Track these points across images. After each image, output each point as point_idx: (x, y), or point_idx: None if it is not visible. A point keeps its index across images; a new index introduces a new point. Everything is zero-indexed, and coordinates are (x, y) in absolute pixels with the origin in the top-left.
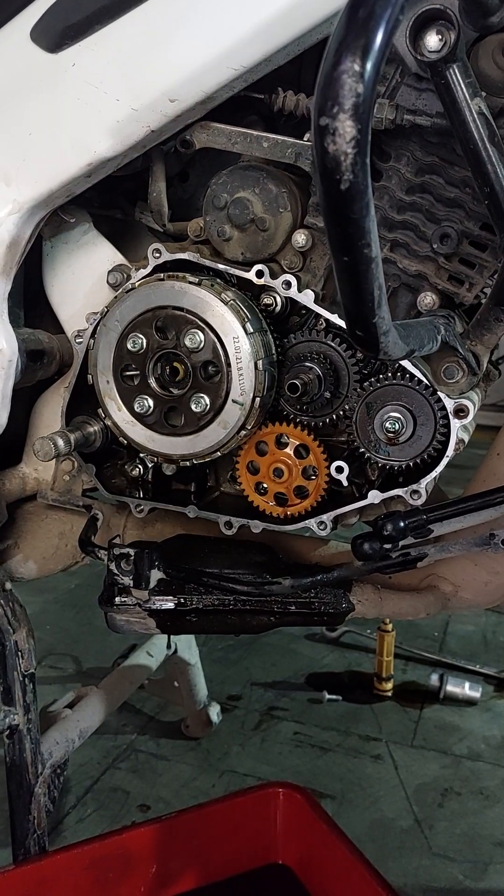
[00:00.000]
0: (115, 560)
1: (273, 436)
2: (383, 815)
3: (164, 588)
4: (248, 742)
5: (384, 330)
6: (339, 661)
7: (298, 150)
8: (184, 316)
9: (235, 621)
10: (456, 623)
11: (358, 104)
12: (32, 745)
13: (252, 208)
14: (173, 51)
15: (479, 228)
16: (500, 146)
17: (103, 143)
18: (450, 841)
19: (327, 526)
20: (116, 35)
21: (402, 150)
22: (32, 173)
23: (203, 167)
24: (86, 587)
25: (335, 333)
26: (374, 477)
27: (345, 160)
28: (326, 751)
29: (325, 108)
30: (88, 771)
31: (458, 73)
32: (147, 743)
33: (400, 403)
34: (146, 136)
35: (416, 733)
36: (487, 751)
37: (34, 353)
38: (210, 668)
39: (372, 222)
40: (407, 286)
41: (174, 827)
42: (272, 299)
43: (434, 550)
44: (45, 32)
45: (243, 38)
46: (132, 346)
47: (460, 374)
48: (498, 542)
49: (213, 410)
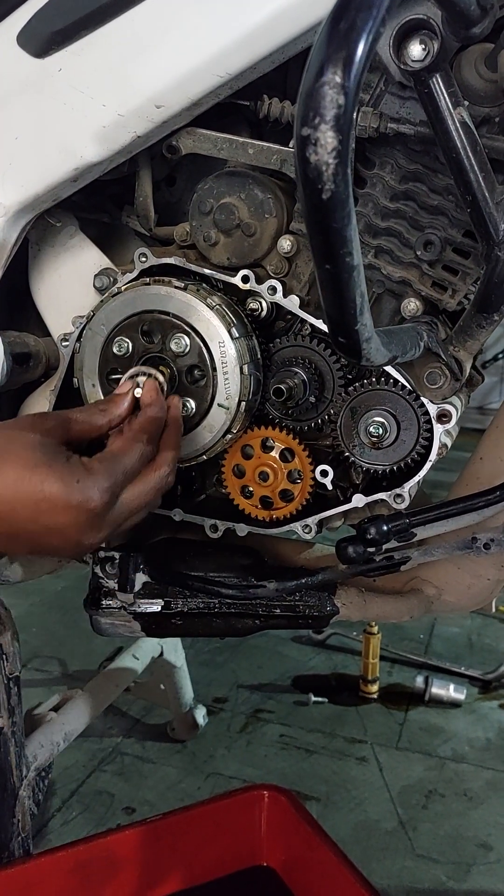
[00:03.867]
0: (100, 563)
1: (258, 439)
2: (368, 816)
3: (150, 591)
4: (233, 744)
5: (366, 337)
6: (325, 663)
7: (284, 157)
8: (170, 320)
9: (220, 624)
10: (441, 625)
11: (339, 115)
12: (17, 748)
13: (238, 214)
14: (159, 57)
15: (462, 236)
16: (482, 155)
17: (89, 147)
18: (433, 842)
19: (312, 529)
20: (103, 41)
21: (387, 158)
22: (18, 177)
23: (190, 172)
24: (72, 590)
25: (320, 338)
26: (359, 481)
27: (326, 170)
28: (312, 753)
29: (307, 119)
30: (74, 774)
31: (440, 83)
32: (133, 746)
33: (384, 408)
34: (132, 141)
35: (401, 735)
36: (471, 752)
37: (20, 356)
38: (196, 671)
39: (354, 231)
40: (391, 292)
41: (159, 829)
42: (258, 304)
43: (417, 554)
44: (32, 38)
45: (229, 45)
46: (118, 349)
47: (443, 379)
48: (480, 546)
49: (199, 414)
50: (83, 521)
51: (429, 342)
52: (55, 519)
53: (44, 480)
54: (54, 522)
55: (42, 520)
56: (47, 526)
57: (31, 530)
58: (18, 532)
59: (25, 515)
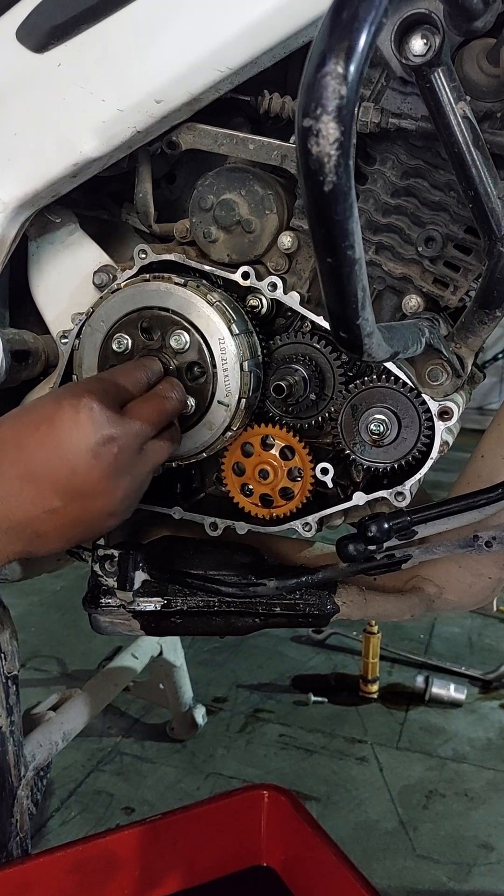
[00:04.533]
0: (99, 561)
1: (258, 437)
2: (368, 816)
3: (149, 589)
4: (233, 744)
5: (368, 332)
6: (324, 663)
7: (284, 153)
8: (169, 317)
9: (220, 623)
10: (441, 625)
11: (341, 106)
12: (15, 747)
13: (238, 210)
14: (159, 52)
15: (464, 232)
16: (484, 150)
17: (89, 143)
18: (434, 842)
19: (312, 527)
20: (102, 36)
21: (388, 154)
22: (18, 173)
23: (190, 169)
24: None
25: (321, 335)
26: (359, 479)
27: (328, 162)
28: (312, 753)
29: (309, 110)
30: (72, 773)
31: (442, 77)
32: (132, 745)
33: (385, 405)
34: (132, 136)
35: (402, 735)
36: (472, 752)
37: (19, 354)
38: (195, 671)
39: (355, 224)
40: (392, 289)
41: (158, 829)
42: (258, 301)
43: (418, 552)
44: (31, 33)
45: (229, 39)
46: (117, 346)
47: (444, 376)
48: (482, 544)
49: (199, 412)
50: (115, 457)
51: (430, 338)
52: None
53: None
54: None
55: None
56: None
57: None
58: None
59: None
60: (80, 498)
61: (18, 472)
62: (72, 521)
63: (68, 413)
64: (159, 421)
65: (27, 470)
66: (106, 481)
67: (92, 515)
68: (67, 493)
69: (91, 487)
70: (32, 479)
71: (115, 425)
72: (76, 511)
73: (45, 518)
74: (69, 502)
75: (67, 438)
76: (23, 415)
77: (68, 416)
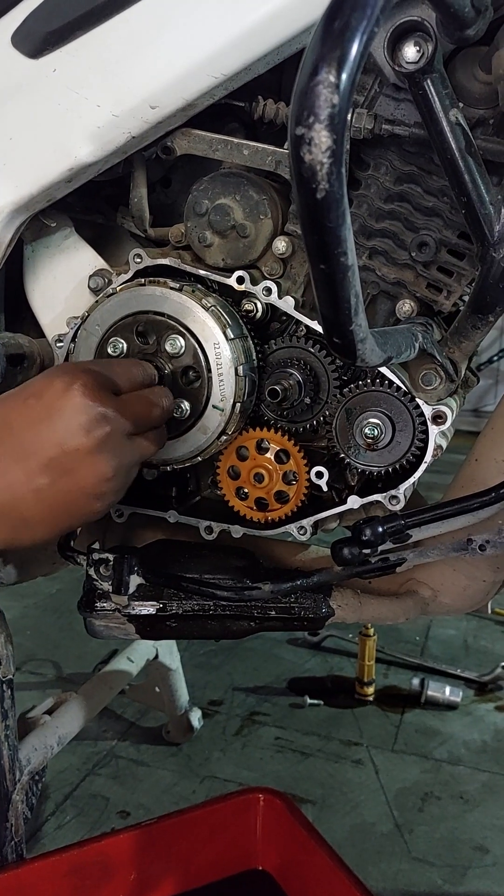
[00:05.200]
0: (94, 565)
1: (254, 441)
2: (363, 819)
3: (144, 593)
4: (229, 747)
5: (361, 337)
6: (320, 665)
7: (279, 158)
8: (164, 321)
9: (215, 626)
10: (437, 627)
11: (333, 115)
12: (10, 751)
13: (233, 215)
14: (154, 58)
15: (457, 237)
16: (476, 156)
17: (84, 148)
18: (429, 845)
19: (307, 531)
20: (98, 41)
21: (381, 160)
22: (13, 178)
23: (185, 173)
24: (66, 592)
25: (315, 340)
26: (354, 482)
27: (321, 170)
28: (307, 756)
29: (301, 119)
30: (68, 777)
31: (435, 85)
32: (127, 749)
33: (379, 409)
34: (127, 141)
35: (397, 738)
36: (467, 755)
37: (14, 357)
38: (191, 674)
39: (348, 231)
40: (386, 293)
41: (154, 833)
42: (253, 305)
43: (413, 555)
44: (26, 38)
45: (223, 46)
46: (112, 350)
47: (438, 380)
48: (476, 548)
49: (194, 416)
50: (105, 438)
51: (424, 343)
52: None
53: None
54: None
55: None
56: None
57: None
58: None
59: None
60: (67, 474)
61: (5, 451)
62: (58, 501)
63: (60, 389)
64: (147, 421)
65: (14, 448)
66: (95, 457)
67: (78, 497)
68: (55, 469)
69: (79, 464)
70: (20, 457)
71: (107, 406)
72: (63, 490)
73: (30, 499)
74: (56, 479)
75: (58, 413)
76: (11, 394)
77: (60, 391)
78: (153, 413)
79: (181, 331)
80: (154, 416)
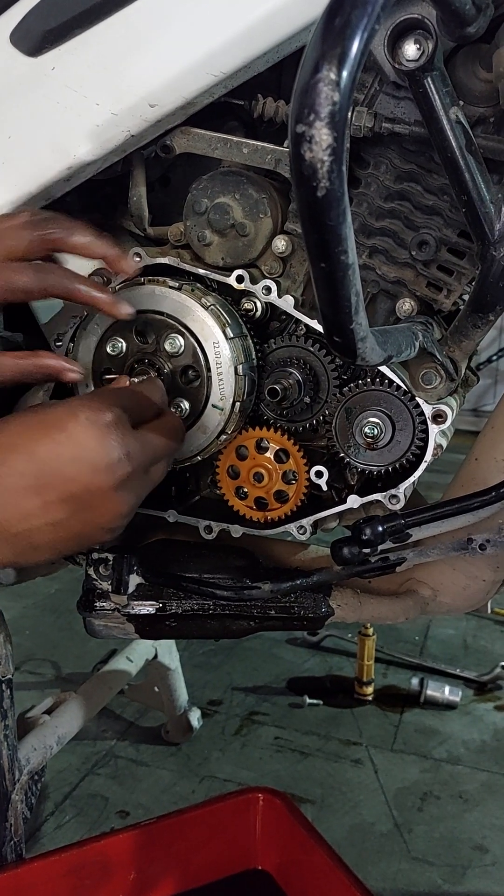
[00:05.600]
0: (93, 565)
1: (253, 440)
2: (363, 819)
3: (143, 593)
4: (228, 747)
5: (361, 336)
6: (320, 665)
7: (278, 157)
8: (164, 320)
9: (215, 626)
10: (436, 627)
11: (334, 112)
12: (9, 751)
13: (232, 214)
14: (153, 56)
15: (457, 236)
16: (477, 155)
17: (83, 146)
18: (429, 845)
19: (307, 530)
20: (97, 40)
21: (381, 158)
22: (11, 176)
23: (184, 172)
24: (66, 592)
25: (315, 339)
26: (354, 482)
27: (321, 168)
28: (307, 755)
29: (302, 116)
30: (67, 777)
31: (435, 83)
32: (127, 748)
33: (379, 409)
34: (126, 140)
35: (397, 737)
36: (467, 754)
37: None
38: (191, 673)
39: (349, 229)
40: (386, 293)
41: (153, 833)
42: (252, 304)
43: (412, 555)
44: (25, 36)
45: (223, 44)
46: (112, 349)
47: (438, 379)
48: (476, 547)
49: (193, 415)
50: (122, 474)
51: (424, 342)
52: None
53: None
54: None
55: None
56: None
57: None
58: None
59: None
60: (85, 511)
61: (25, 483)
62: (71, 534)
63: (86, 425)
64: (165, 451)
65: (35, 480)
66: (115, 496)
67: (92, 530)
68: (75, 505)
69: (99, 502)
70: (40, 489)
71: (131, 445)
72: (78, 524)
73: (44, 530)
74: (74, 515)
75: (84, 452)
76: (29, 420)
77: (86, 428)
78: (170, 444)
79: (180, 330)
80: (170, 447)
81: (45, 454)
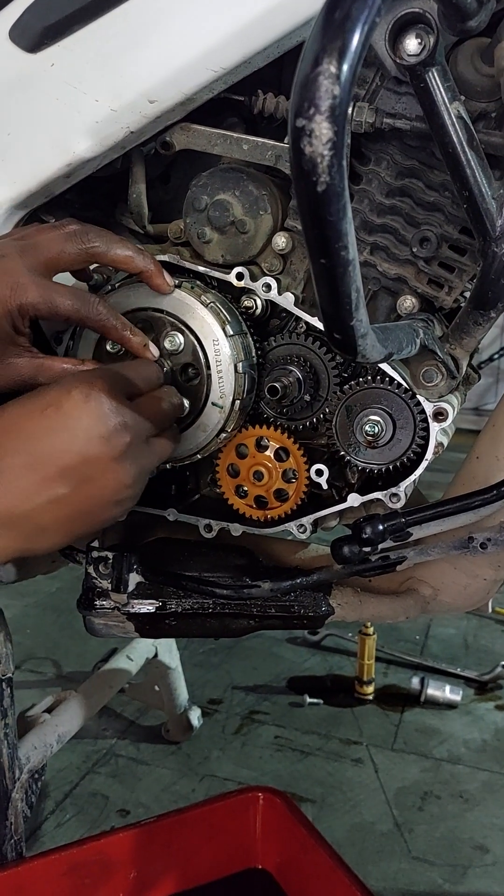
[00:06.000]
0: (93, 563)
1: (253, 439)
2: (363, 818)
3: (143, 592)
4: (228, 746)
5: (362, 333)
6: (320, 664)
7: (279, 153)
8: (164, 318)
9: (215, 625)
10: (437, 626)
11: (334, 106)
12: (10, 749)
13: (232, 211)
14: (153, 52)
15: (459, 232)
16: (478, 150)
17: (82, 143)
18: (429, 844)
19: (307, 529)
20: (96, 36)
21: (382, 154)
22: (11, 173)
23: (184, 169)
24: (66, 591)
25: (315, 336)
26: (354, 480)
27: (321, 162)
28: (307, 755)
29: (302, 110)
30: (67, 776)
31: (437, 77)
32: (127, 747)
33: (379, 407)
34: (125, 136)
35: (397, 737)
36: (467, 754)
37: None
38: (191, 672)
39: (349, 224)
40: (387, 289)
41: (153, 832)
42: (252, 302)
43: (413, 554)
44: (24, 32)
45: (222, 40)
46: (111, 347)
47: (439, 377)
48: (476, 546)
49: (193, 413)
50: (122, 445)
51: (425, 339)
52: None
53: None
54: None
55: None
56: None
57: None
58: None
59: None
60: (87, 483)
61: (22, 461)
62: (76, 510)
63: (79, 399)
64: (162, 423)
65: (31, 457)
66: (116, 466)
67: (97, 505)
68: (75, 478)
69: (100, 473)
70: (37, 466)
71: (126, 414)
72: (82, 498)
73: (48, 508)
74: (76, 488)
75: (78, 424)
76: (25, 402)
77: (79, 401)
78: (168, 414)
79: (180, 328)
80: (169, 417)
81: (37, 429)
